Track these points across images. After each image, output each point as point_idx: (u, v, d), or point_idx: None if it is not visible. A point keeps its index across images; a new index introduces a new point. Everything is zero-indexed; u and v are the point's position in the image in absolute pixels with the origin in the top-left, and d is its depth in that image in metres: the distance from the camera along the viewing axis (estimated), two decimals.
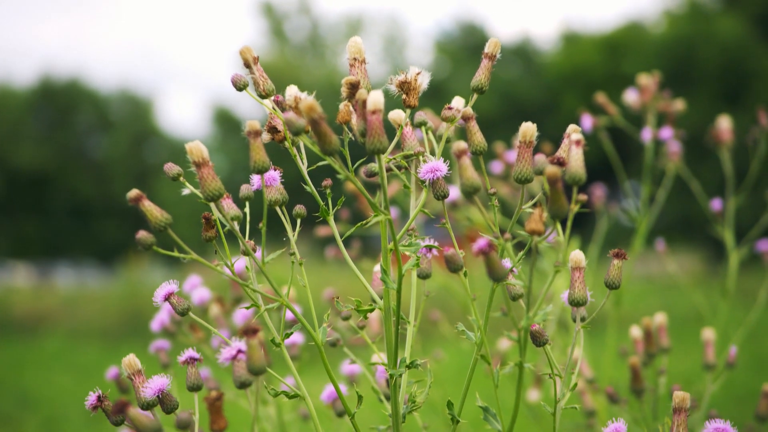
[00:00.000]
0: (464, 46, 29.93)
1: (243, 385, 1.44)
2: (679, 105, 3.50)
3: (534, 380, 3.40)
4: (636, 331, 2.58)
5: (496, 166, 3.54)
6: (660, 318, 2.60)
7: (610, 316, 3.57)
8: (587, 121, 3.53)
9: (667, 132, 3.48)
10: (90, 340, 11.42)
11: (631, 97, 3.52)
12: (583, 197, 1.53)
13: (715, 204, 3.35)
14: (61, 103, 30.66)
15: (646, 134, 3.50)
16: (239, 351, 1.49)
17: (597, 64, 25.09)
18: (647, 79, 3.50)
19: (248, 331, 1.37)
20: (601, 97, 3.60)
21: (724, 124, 3.43)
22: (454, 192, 2.94)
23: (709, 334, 2.56)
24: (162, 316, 2.54)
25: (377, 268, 1.73)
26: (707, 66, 22.95)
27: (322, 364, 1.90)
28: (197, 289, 2.61)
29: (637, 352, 2.54)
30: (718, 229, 3.35)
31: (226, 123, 30.79)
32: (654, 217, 3.55)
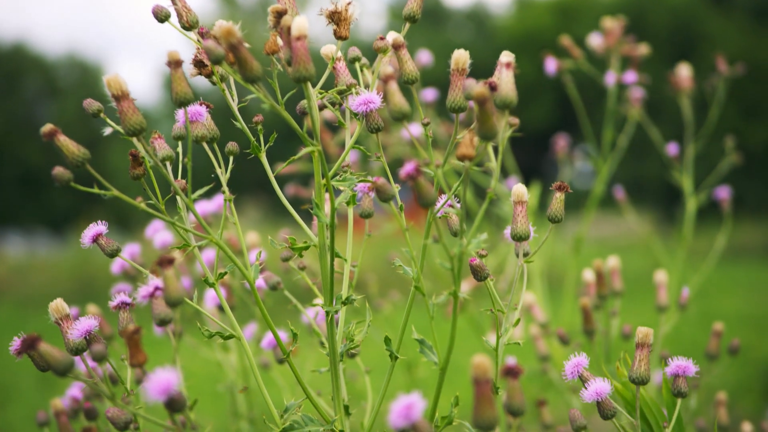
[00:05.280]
0: None
1: (163, 323, 1.36)
2: (643, 49, 3.47)
3: (492, 324, 3.41)
4: (589, 275, 2.60)
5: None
6: (613, 261, 2.62)
7: (569, 265, 3.56)
8: (551, 63, 3.48)
9: (631, 76, 3.45)
10: (41, 308, 11.05)
11: (595, 40, 3.48)
12: (514, 120, 1.52)
13: (672, 148, 3.34)
14: (6, 69, 29.85)
15: (610, 78, 3.46)
16: (156, 288, 1.41)
17: (549, 28, 25.12)
18: (612, 23, 3.45)
19: (163, 262, 1.31)
20: (566, 40, 3.54)
21: (684, 71, 3.43)
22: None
23: (661, 276, 2.58)
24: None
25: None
26: (657, 29, 23.16)
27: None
28: (159, 233, 2.54)
29: (589, 295, 2.56)
30: (676, 175, 3.35)
31: None
32: (615, 165, 3.52)
